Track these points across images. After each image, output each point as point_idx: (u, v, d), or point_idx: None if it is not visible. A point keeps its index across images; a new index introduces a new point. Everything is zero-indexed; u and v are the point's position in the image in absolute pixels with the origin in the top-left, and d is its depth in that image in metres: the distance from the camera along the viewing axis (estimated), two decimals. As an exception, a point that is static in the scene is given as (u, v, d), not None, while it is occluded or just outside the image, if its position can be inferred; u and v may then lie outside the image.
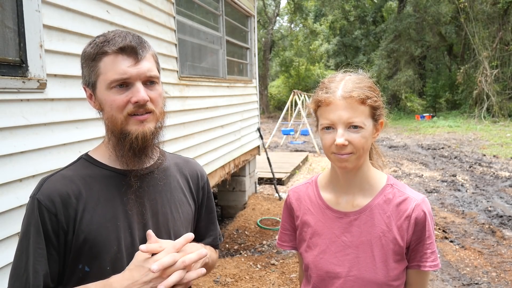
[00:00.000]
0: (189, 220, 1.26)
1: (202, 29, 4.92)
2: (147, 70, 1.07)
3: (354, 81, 1.20)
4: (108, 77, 1.04)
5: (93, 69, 1.07)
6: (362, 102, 1.16)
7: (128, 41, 1.05)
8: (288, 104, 14.63)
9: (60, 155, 2.23)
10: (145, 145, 1.08)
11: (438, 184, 7.96)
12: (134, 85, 1.05)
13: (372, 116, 1.19)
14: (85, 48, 1.10)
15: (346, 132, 1.15)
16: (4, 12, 1.91)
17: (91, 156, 1.15)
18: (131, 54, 1.05)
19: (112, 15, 2.81)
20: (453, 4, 21.18)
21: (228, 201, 6.58)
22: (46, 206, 1.02)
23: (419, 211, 1.23)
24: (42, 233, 1.02)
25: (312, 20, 32.60)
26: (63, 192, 1.05)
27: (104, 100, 1.07)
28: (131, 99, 1.05)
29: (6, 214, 1.90)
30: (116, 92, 1.05)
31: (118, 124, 1.06)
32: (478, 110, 19.12)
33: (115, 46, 1.04)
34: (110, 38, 1.06)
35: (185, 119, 4.09)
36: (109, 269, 1.06)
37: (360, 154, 1.18)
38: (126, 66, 1.04)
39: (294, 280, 4.04)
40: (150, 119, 1.08)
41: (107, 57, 1.05)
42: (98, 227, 1.05)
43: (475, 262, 4.44)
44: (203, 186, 1.33)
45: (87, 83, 1.10)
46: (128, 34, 1.08)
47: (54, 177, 1.08)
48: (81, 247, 1.04)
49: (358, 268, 1.24)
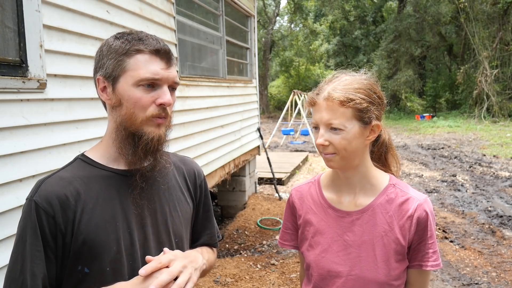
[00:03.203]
0: (187, 218, 1.26)
1: (202, 29, 4.92)
2: (175, 76, 1.10)
3: (344, 83, 1.20)
4: (139, 74, 1.05)
5: (121, 63, 1.06)
6: (341, 104, 1.16)
7: (163, 45, 1.08)
8: (288, 104, 14.63)
9: (60, 155, 2.23)
10: (158, 148, 1.10)
11: (438, 184, 7.96)
12: (162, 88, 1.07)
13: (357, 118, 1.18)
14: (110, 41, 1.09)
15: (327, 133, 1.19)
16: (4, 12, 1.91)
17: (88, 157, 1.14)
18: (164, 57, 1.07)
19: (112, 15, 2.81)
20: (453, 4, 21.18)
21: (228, 201, 6.58)
22: (44, 208, 1.02)
23: (421, 211, 1.23)
24: (39, 236, 1.01)
25: (312, 20, 32.61)
26: (61, 194, 1.04)
27: (128, 96, 1.06)
28: (157, 100, 1.06)
29: (6, 214, 1.90)
30: (143, 90, 1.06)
31: (138, 122, 1.07)
32: (478, 110, 19.13)
33: (152, 46, 1.06)
34: (142, 37, 1.08)
35: (185, 119, 4.09)
36: (108, 269, 1.06)
37: (343, 155, 1.19)
38: (159, 67, 1.06)
39: (294, 280, 4.04)
40: (165, 124, 1.11)
41: (141, 55, 1.05)
42: (97, 228, 1.05)
43: (475, 262, 4.44)
44: (200, 184, 1.33)
45: (108, 75, 1.08)
46: (159, 38, 1.11)
47: (51, 178, 1.07)
48: (80, 248, 1.04)
49: (360, 267, 1.24)
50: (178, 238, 1.20)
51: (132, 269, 1.09)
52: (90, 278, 1.05)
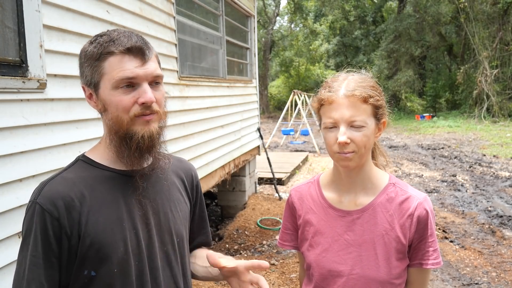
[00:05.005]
0: (186, 218, 1.27)
1: (202, 29, 4.92)
2: (154, 70, 1.07)
3: (357, 80, 1.20)
4: (115, 77, 1.03)
5: (97, 68, 1.04)
6: (364, 100, 1.16)
7: (134, 42, 1.04)
8: (288, 104, 14.62)
9: (60, 155, 2.23)
10: (151, 144, 1.08)
11: (438, 184, 7.96)
12: (141, 86, 1.05)
13: (374, 115, 1.19)
14: (86, 47, 1.08)
15: (348, 131, 1.16)
16: (4, 12, 1.91)
17: (89, 158, 1.12)
18: (138, 54, 1.04)
19: (112, 15, 2.81)
20: (453, 4, 21.18)
21: (228, 201, 6.58)
22: (48, 210, 0.99)
23: (421, 210, 1.23)
24: (39, 241, 0.99)
25: (312, 20, 32.59)
26: (66, 195, 1.02)
27: (109, 101, 1.05)
28: (138, 100, 1.04)
29: (6, 214, 1.89)
30: (122, 93, 1.04)
31: (124, 124, 1.05)
32: (478, 110, 19.12)
33: (122, 46, 1.03)
34: (114, 37, 1.05)
35: (185, 119, 4.08)
36: (116, 271, 1.04)
37: (362, 153, 1.19)
38: (133, 66, 1.03)
39: (294, 280, 4.03)
40: (154, 119, 1.08)
41: (113, 57, 1.03)
42: (104, 229, 1.04)
43: (475, 262, 4.44)
44: (196, 185, 1.34)
45: (88, 82, 1.08)
46: (132, 34, 1.07)
47: (54, 180, 1.05)
48: (87, 251, 1.02)
49: (361, 267, 1.24)
50: (180, 238, 1.20)
51: (139, 270, 1.08)
52: (97, 282, 1.04)
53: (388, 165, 1.38)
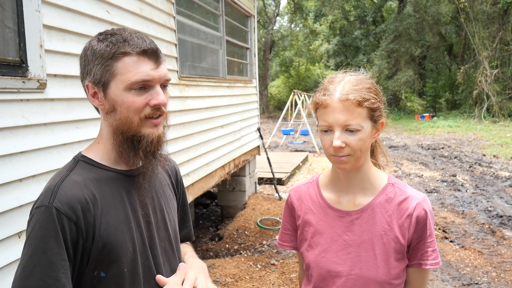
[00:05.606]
0: (176, 214, 1.30)
1: (202, 29, 4.92)
2: (166, 73, 1.08)
3: (353, 83, 1.20)
4: (130, 79, 1.02)
5: (109, 68, 1.03)
6: (359, 104, 1.16)
7: (149, 44, 1.05)
8: (288, 104, 14.62)
9: (60, 155, 2.23)
10: (158, 148, 1.10)
11: (438, 184, 7.96)
12: (154, 88, 1.05)
13: (370, 118, 1.19)
14: (94, 45, 1.05)
15: (343, 135, 1.16)
16: (4, 12, 1.91)
17: (90, 158, 1.11)
18: (153, 57, 1.05)
19: (112, 15, 2.81)
20: (453, 4, 21.18)
21: (228, 201, 6.59)
22: (67, 214, 0.97)
23: (420, 210, 1.23)
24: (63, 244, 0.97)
25: (312, 20, 32.59)
26: (81, 198, 1.00)
27: (121, 101, 1.04)
28: (151, 101, 1.04)
29: (6, 214, 1.89)
30: (135, 94, 1.03)
31: (134, 126, 1.05)
32: (478, 110, 19.12)
33: (138, 47, 1.03)
34: (127, 37, 1.04)
35: (185, 119, 4.08)
36: (126, 271, 1.05)
37: (358, 156, 1.19)
38: (149, 69, 1.03)
39: (294, 280, 4.04)
40: (161, 123, 1.10)
41: (128, 57, 1.02)
42: (115, 230, 1.04)
43: (475, 262, 4.44)
44: (180, 180, 1.37)
45: (96, 81, 1.05)
46: (143, 35, 1.07)
47: (66, 183, 1.02)
48: (100, 252, 1.02)
49: (360, 267, 1.24)
50: (174, 233, 1.23)
51: (145, 267, 1.10)
52: (106, 282, 1.04)
53: (388, 165, 1.38)
